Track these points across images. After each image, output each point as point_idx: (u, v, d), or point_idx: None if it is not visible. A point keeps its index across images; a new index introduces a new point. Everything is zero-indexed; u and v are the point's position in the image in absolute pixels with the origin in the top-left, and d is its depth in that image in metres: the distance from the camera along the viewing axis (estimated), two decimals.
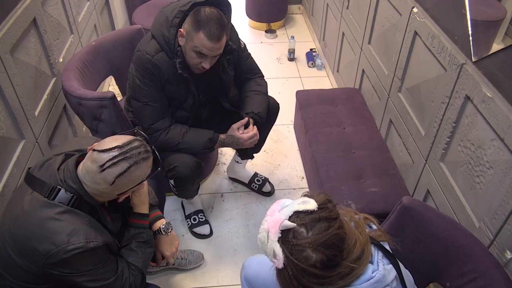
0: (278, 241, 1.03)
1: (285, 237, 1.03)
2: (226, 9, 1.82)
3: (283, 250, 1.02)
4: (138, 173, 1.32)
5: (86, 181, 1.30)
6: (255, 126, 2.01)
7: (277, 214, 1.05)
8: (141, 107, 1.87)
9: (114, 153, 1.27)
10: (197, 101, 1.93)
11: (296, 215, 1.04)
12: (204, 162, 2.48)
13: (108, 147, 1.28)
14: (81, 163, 1.33)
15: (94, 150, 1.29)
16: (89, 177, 1.29)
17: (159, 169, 1.43)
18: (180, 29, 1.75)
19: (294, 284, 1.03)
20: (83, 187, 1.30)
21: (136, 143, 1.32)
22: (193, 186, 2.17)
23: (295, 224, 1.02)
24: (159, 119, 1.88)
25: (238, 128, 1.96)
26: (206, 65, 1.78)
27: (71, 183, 1.30)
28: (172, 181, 2.04)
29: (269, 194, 2.55)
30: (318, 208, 1.05)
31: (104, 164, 1.25)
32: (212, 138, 1.94)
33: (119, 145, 1.29)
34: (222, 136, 1.97)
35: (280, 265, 1.02)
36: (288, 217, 1.04)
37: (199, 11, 1.71)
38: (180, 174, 1.92)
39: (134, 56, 1.86)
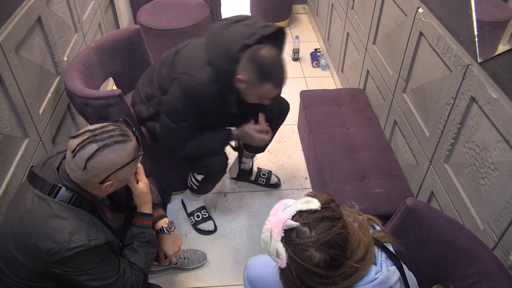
0: (281, 240, 1.03)
1: (288, 236, 1.03)
2: (282, 41, 1.79)
3: (286, 250, 1.02)
4: (111, 157, 1.26)
5: (67, 171, 1.28)
6: (267, 123, 2.00)
7: (280, 214, 1.05)
8: (176, 129, 1.83)
9: (84, 136, 1.25)
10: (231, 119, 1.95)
11: (299, 215, 1.04)
12: None
13: (80, 132, 1.26)
14: None
15: (70, 137, 1.28)
16: (67, 166, 1.28)
17: (140, 154, 1.37)
18: (239, 77, 1.67)
19: (297, 284, 1.03)
20: (76, 183, 1.29)
21: (110, 127, 1.29)
22: (217, 181, 2.21)
23: (298, 224, 1.02)
24: (190, 141, 1.88)
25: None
26: (268, 101, 1.76)
27: (66, 182, 1.29)
28: (200, 177, 2.05)
29: (277, 185, 2.58)
30: (321, 207, 1.05)
31: (75, 148, 1.23)
32: (227, 137, 1.96)
33: (90, 129, 1.27)
34: (235, 131, 1.97)
35: (283, 265, 1.02)
36: (291, 216, 1.04)
37: (260, 57, 1.62)
38: (214, 170, 1.97)
39: (182, 78, 1.75)
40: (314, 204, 1.05)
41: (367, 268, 1.08)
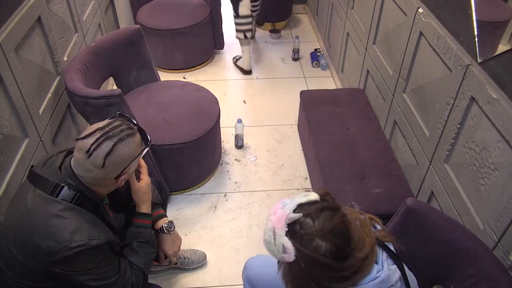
0: (286, 235, 1.03)
1: (293, 229, 1.03)
2: None
3: (292, 243, 1.02)
4: (126, 150, 1.30)
5: (79, 172, 1.29)
6: None
7: (281, 211, 1.06)
8: None
9: (97, 135, 1.27)
10: None
11: (300, 207, 1.06)
12: (208, 160, 2.50)
13: (89, 132, 1.28)
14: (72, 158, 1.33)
15: (77, 139, 1.29)
16: (80, 167, 1.28)
17: (149, 143, 1.42)
18: None
19: (305, 277, 1.03)
20: (82, 182, 1.31)
21: (117, 122, 1.32)
22: None
23: (301, 214, 1.04)
24: None
25: None
26: None
27: (70, 181, 1.30)
28: None
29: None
30: (320, 199, 1.07)
31: (89, 148, 1.25)
32: None
33: (100, 127, 1.29)
34: None
35: (292, 258, 1.02)
36: (292, 210, 1.05)
37: None
38: None
39: None
40: (313, 195, 1.07)
41: (371, 265, 1.09)
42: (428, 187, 1.91)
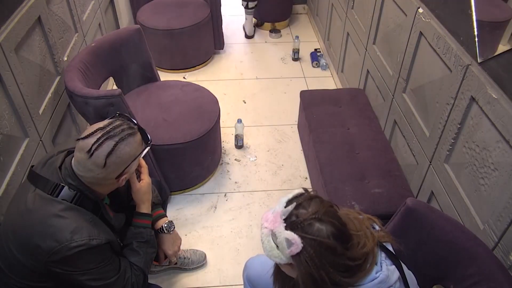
0: (286, 229, 1.04)
1: (290, 222, 1.05)
2: None
3: (295, 233, 1.03)
4: (128, 150, 1.31)
5: (80, 172, 1.30)
6: None
7: (273, 215, 1.07)
8: None
9: (98, 135, 1.27)
10: None
11: (289, 203, 1.08)
12: (209, 160, 2.50)
13: (90, 132, 1.29)
14: (73, 158, 1.34)
15: (78, 139, 1.29)
16: (81, 167, 1.29)
17: (149, 143, 1.42)
18: None
19: (316, 264, 1.02)
20: (82, 182, 1.31)
21: (117, 122, 1.33)
22: None
23: (294, 204, 1.06)
24: None
25: None
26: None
27: (70, 181, 1.30)
28: None
29: None
30: (304, 191, 1.12)
31: (91, 148, 1.25)
32: None
33: (100, 127, 1.29)
34: None
35: (299, 247, 1.02)
36: (283, 207, 1.07)
37: None
38: None
39: None
40: (297, 190, 1.11)
41: (373, 264, 1.10)
42: (428, 187, 1.91)
